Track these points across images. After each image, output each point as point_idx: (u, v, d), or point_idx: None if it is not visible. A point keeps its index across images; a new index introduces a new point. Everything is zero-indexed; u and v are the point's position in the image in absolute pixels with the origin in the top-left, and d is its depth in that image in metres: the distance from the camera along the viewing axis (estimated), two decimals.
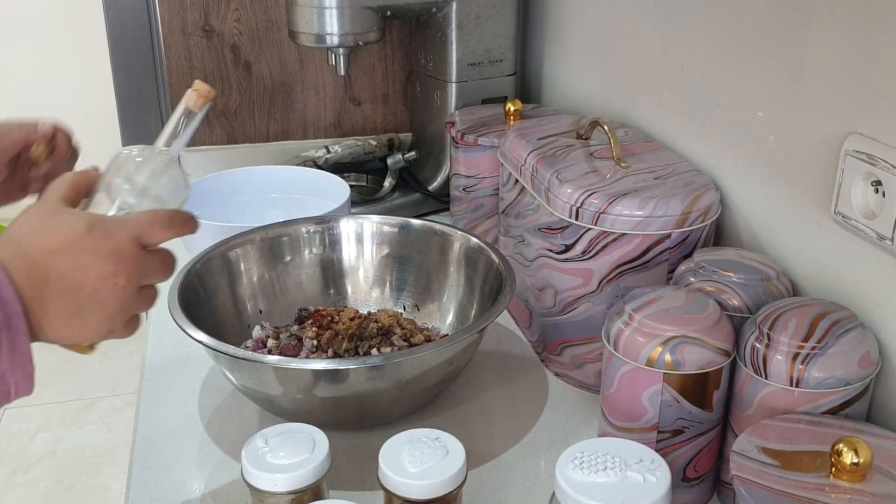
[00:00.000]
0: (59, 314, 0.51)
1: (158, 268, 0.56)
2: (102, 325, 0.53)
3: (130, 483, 0.73)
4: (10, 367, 0.49)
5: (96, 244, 0.52)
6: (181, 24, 1.29)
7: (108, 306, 0.52)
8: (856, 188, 0.67)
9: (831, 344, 0.61)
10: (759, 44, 0.78)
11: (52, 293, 0.50)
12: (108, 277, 0.52)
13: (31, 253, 0.50)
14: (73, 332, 0.52)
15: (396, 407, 0.77)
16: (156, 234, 0.55)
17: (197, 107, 0.60)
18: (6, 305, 0.48)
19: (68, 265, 0.51)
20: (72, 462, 2.11)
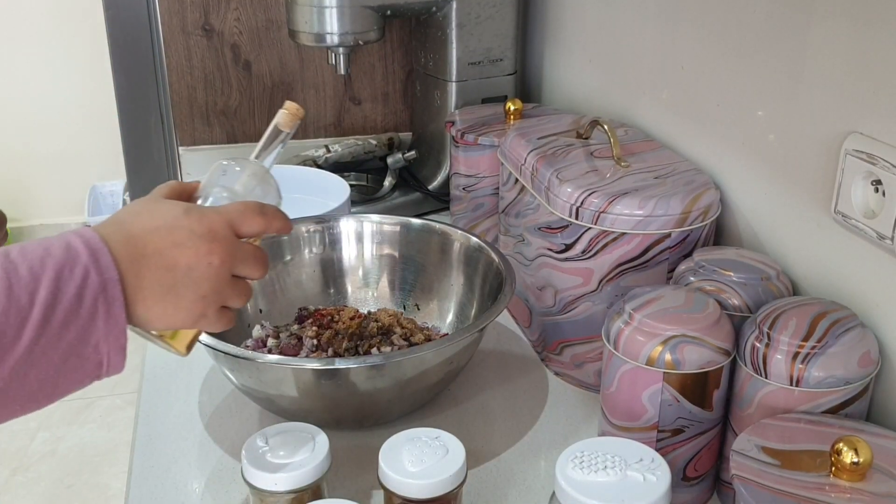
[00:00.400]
0: (153, 289, 0.51)
1: (251, 257, 0.57)
2: (196, 305, 0.54)
3: (130, 482, 0.73)
4: (105, 335, 0.49)
5: (192, 224, 0.53)
6: (181, 24, 1.29)
7: (202, 285, 0.53)
8: (856, 187, 0.67)
9: (831, 343, 0.61)
10: (760, 43, 0.78)
11: (148, 267, 0.51)
12: (202, 255, 0.53)
13: (130, 230, 0.52)
14: (166, 309, 0.52)
15: (396, 406, 0.77)
16: (248, 219, 0.57)
17: (287, 126, 0.64)
18: (103, 272, 0.49)
19: (165, 242, 0.52)
20: (72, 461, 2.11)
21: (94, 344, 0.49)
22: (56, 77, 3.05)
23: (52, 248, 0.49)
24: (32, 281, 0.47)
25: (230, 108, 1.35)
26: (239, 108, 1.35)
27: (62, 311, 0.47)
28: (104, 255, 0.49)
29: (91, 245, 0.50)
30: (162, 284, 0.52)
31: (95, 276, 0.49)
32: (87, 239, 0.50)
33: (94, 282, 0.48)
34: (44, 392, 0.49)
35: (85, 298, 0.48)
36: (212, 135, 1.36)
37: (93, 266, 0.49)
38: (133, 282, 0.51)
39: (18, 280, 0.47)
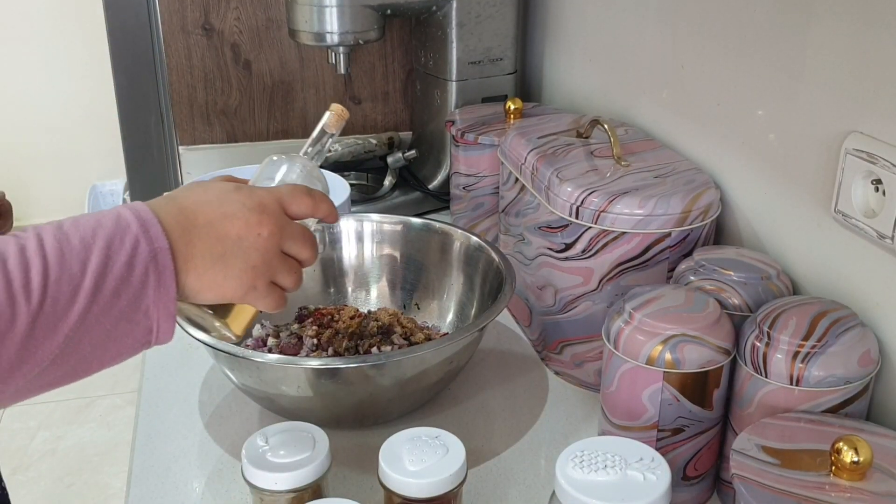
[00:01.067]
0: (204, 257, 0.52)
1: (299, 235, 0.58)
2: (245, 275, 0.54)
3: (131, 481, 0.73)
4: (155, 302, 0.50)
5: (242, 198, 0.55)
6: (181, 23, 1.29)
7: (252, 255, 0.54)
8: (856, 187, 0.67)
9: (831, 342, 0.61)
10: (760, 42, 0.78)
11: (199, 237, 0.52)
12: (252, 226, 0.54)
13: (182, 203, 0.54)
14: (216, 278, 0.53)
15: (396, 405, 0.77)
16: (297, 199, 0.58)
17: (333, 127, 0.66)
18: (153, 241, 0.50)
19: (216, 213, 0.54)
20: (72, 460, 2.11)
21: (145, 310, 0.50)
22: (56, 76, 3.05)
23: (103, 220, 0.50)
24: (84, 250, 0.48)
25: (230, 107, 1.35)
26: (239, 108, 1.35)
27: (113, 279, 0.48)
28: (154, 226, 0.51)
29: (141, 216, 0.51)
30: (212, 253, 0.53)
31: (146, 246, 0.50)
32: (137, 211, 0.51)
33: (144, 251, 0.50)
34: (96, 358, 0.50)
35: (135, 267, 0.49)
36: (212, 134, 1.36)
37: (143, 236, 0.50)
38: (184, 251, 0.52)
39: (70, 250, 0.48)
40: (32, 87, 3.03)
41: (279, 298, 0.57)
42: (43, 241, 0.48)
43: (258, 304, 0.57)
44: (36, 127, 3.05)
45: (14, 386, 0.46)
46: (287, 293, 0.58)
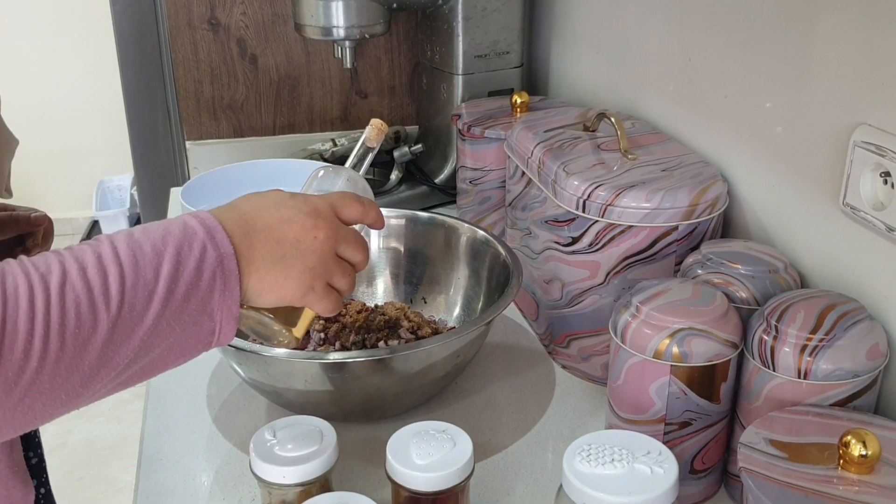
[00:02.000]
0: (265, 260, 0.55)
1: (353, 239, 0.60)
2: (304, 276, 0.57)
3: (139, 475, 0.73)
4: (220, 305, 0.52)
5: (298, 203, 0.58)
6: (187, 18, 1.29)
7: (309, 257, 0.57)
8: (864, 179, 0.66)
9: (839, 336, 0.61)
10: (767, 34, 0.78)
11: (259, 241, 0.55)
12: (308, 230, 0.57)
13: (241, 209, 0.57)
14: (277, 279, 0.55)
15: (404, 399, 0.77)
16: (348, 205, 0.61)
17: (373, 141, 0.70)
18: (219, 247, 0.52)
19: (274, 218, 0.56)
20: (81, 454, 2.12)
21: (210, 313, 0.52)
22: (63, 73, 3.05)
23: (171, 227, 0.53)
24: (156, 257, 0.50)
25: (237, 102, 1.35)
26: (245, 102, 1.35)
27: (184, 283, 0.51)
28: (219, 232, 0.53)
29: (206, 223, 0.53)
30: (272, 255, 0.55)
31: (212, 251, 0.52)
32: (202, 219, 0.54)
33: (211, 256, 0.52)
34: (162, 359, 0.52)
35: (204, 272, 0.51)
36: (218, 129, 1.36)
37: (209, 242, 0.52)
38: (246, 254, 0.54)
39: (143, 256, 0.50)
40: (40, 83, 3.04)
41: (335, 300, 0.59)
42: (117, 249, 0.50)
43: (316, 306, 0.59)
44: (43, 123, 3.06)
45: (92, 389, 0.48)
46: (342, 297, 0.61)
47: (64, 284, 0.47)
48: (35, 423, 0.47)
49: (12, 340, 0.44)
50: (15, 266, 0.47)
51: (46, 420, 0.47)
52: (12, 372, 0.44)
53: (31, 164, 3.06)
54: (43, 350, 0.45)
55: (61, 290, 0.46)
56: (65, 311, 0.46)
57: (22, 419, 0.46)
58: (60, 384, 0.46)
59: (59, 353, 0.45)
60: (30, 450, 0.77)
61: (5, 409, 0.44)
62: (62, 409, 0.47)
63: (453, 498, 0.60)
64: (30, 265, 0.47)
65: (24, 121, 3.09)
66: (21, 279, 0.46)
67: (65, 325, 0.46)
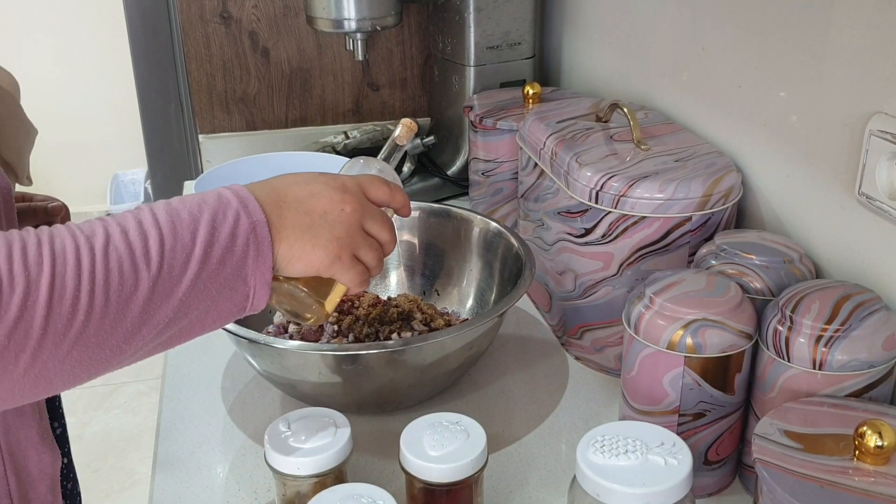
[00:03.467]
0: (294, 227, 0.58)
1: (379, 216, 0.63)
2: (331, 244, 0.59)
3: (156, 467, 0.74)
4: (254, 270, 0.55)
5: (327, 179, 0.61)
6: (199, 12, 1.29)
7: (336, 228, 0.60)
8: (880, 168, 0.66)
9: (855, 326, 0.60)
10: (781, 23, 0.77)
11: (289, 210, 0.58)
12: (336, 203, 0.60)
13: (273, 183, 0.60)
14: (304, 247, 0.58)
15: (417, 391, 0.77)
16: (376, 185, 0.64)
17: (403, 140, 0.72)
18: (252, 215, 0.55)
19: (303, 192, 0.59)
20: (98, 446, 2.14)
21: (244, 278, 0.55)
22: (77, 67, 3.07)
23: (206, 197, 0.55)
24: (192, 222, 0.53)
25: (249, 95, 1.35)
26: (258, 96, 1.35)
27: (219, 248, 0.53)
28: (251, 202, 0.56)
29: (240, 194, 0.56)
30: (301, 224, 0.58)
31: (245, 219, 0.55)
32: (235, 190, 0.57)
33: (244, 223, 0.55)
34: (199, 321, 0.54)
35: (238, 237, 0.54)
36: (231, 122, 1.36)
37: (242, 210, 0.55)
38: (276, 222, 0.57)
39: (181, 222, 0.53)
40: (54, 78, 3.06)
41: (362, 273, 0.62)
42: (157, 216, 0.53)
43: (343, 277, 0.61)
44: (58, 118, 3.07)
45: (135, 346, 0.51)
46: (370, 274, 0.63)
47: (108, 245, 0.50)
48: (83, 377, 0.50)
49: (61, 295, 0.47)
50: (63, 230, 0.50)
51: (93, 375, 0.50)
52: (61, 324, 0.47)
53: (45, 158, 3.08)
54: (89, 305, 0.48)
55: (105, 251, 0.49)
56: (108, 270, 0.49)
57: (70, 372, 0.48)
58: (105, 339, 0.49)
59: (104, 309, 0.48)
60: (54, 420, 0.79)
61: (56, 358, 0.47)
62: (107, 364, 0.50)
63: (467, 489, 0.61)
64: (76, 229, 0.50)
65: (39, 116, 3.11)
66: (69, 240, 0.49)
67: (109, 282, 0.49)
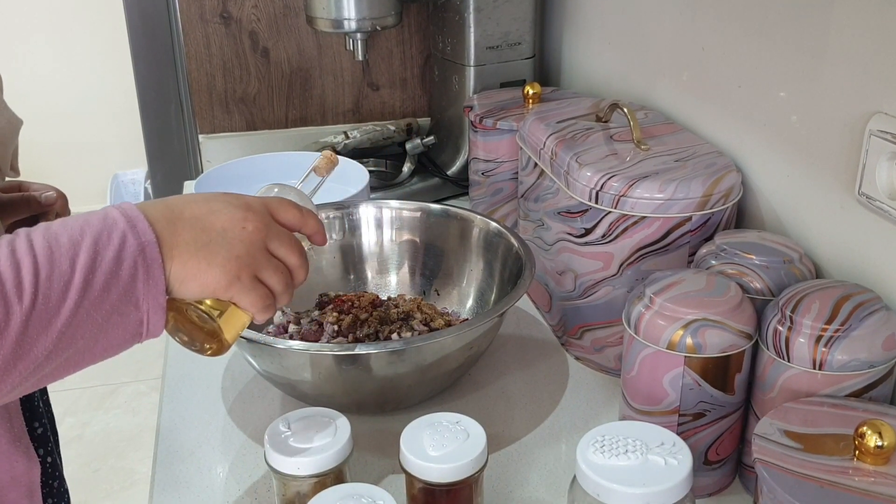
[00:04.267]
0: (188, 244, 0.54)
1: (286, 237, 0.59)
2: (229, 264, 0.56)
3: (156, 467, 0.74)
4: (145, 294, 0.52)
5: (229, 198, 0.58)
6: (199, 12, 1.29)
7: (236, 246, 0.56)
8: (880, 168, 0.66)
9: (855, 326, 0.60)
10: (781, 22, 0.77)
11: (184, 227, 0.55)
12: (237, 220, 0.56)
13: (169, 202, 0.56)
14: (200, 264, 0.54)
15: (417, 391, 0.77)
16: (284, 208, 0.60)
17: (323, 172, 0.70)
18: (141, 235, 0.52)
19: (202, 209, 0.56)
20: (98, 446, 2.14)
21: (135, 303, 0.52)
22: (77, 67, 3.07)
23: (91, 219, 0.52)
24: (72, 247, 0.50)
25: (249, 95, 1.35)
26: (258, 96, 1.35)
27: (102, 273, 0.50)
28: (140, 221, 0.52)
29: (128, 213, 0.53)
30: (197, 241, 0.55)
31: (133, 239, 0.51)
32: (124, 209, 0.53)
33: (131, 244, 0.51)
34: (88, 351, 0.51)
35: (124, 260, 0.51)
36: (231, 122, 1.36)
37: (130, 231, 0.52)
38: (168, 239, 0.54)
39: (59, 248, 0.49)
40: (54, 78, 3.06)
41: (265, 297, 0.58)
42: (32, 242, 0.49)
43: (243, 300, 0.57)
44: (57, 118, 3.07)
45: (10, 384, 0.48)
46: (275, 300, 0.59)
47: None
48: None
49: None
50: None
51: None
52: None
53: (45, 158, 3.08)
54: None
55: None
56: None
57: None
58: None
59: None
60: (34, 420, 0.76)
61: None
62: None
63: (467, 489, 0.61)
64: None
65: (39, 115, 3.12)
66: None
67: None
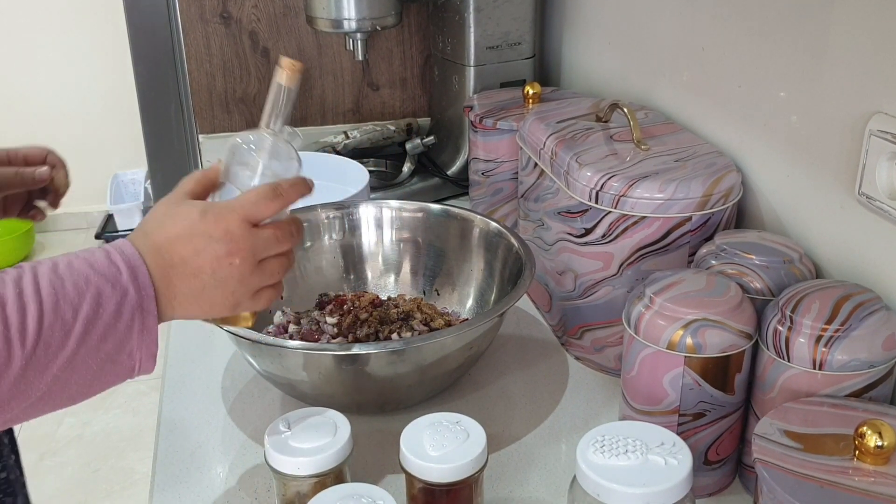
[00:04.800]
0: (185, 295, 0.56)
1: (273, 241, 0.59)
2: (227, 301, 0.58)
3: (156, 467, 0.74)
4: (139, 345, 0.54)
5: (208, 228, 0.56)
6: (199, 12, 1.30)
7: (229, 284, 0.57)
8: (880, 168, 0.66)
9: (855, 326, 0.60)
10: (781, 22, 0.77)
11: (176, 276, 0.55)
12: (223, 258, 0.56)
13: (156, 240, 0.56)
14: (202, 308, 0.57)
15: (417, 391, 0.77)
16: (262, 210, 0.58)
17: (291, 82, 0.62)
18: (142, 289, 0.53)
19: (187, 250, 0.56)
20: (98, 446, 2.14)
21: (129, 352, 0.53)
22: (77, 67, 3.07)
23: (96, 264, 0.53)
24: (77, 297, 0.51)
25: (249, 95, 1.35)
26: (258, 96, 1.35)
27: (102, 324, 0.52)
28: (142, 273, 0.54)
29: (130, 263, 0.54)
30: (192, 289, 0.56)
31: (134, 293, 0.53)
32: (126, 256, 0.54)
33: (132, 298, 0.53)
34: (80, 393, 0.53)
35: (123, 314, 0.53)
36: (231, 122, 1.36)
37: (131, 283, 0.53)
38: (166, 292, 0.55)
39: (65, 295, 0.51)
40: (54, 78, 3.06)
41: (269, 298, 0.60)
42: (39, 286, 0.51)
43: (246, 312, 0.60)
44: (58, 117, 3.07)
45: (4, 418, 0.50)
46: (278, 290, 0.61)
47: None
48: None
49: None
50: None
51: None
52: None
53: None
54: None
55: None
56: None
57: None
58: None
59: None
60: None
61: None
62: None
63: (467, 489, 0.61)
64: None
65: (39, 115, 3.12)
66: None
67: None
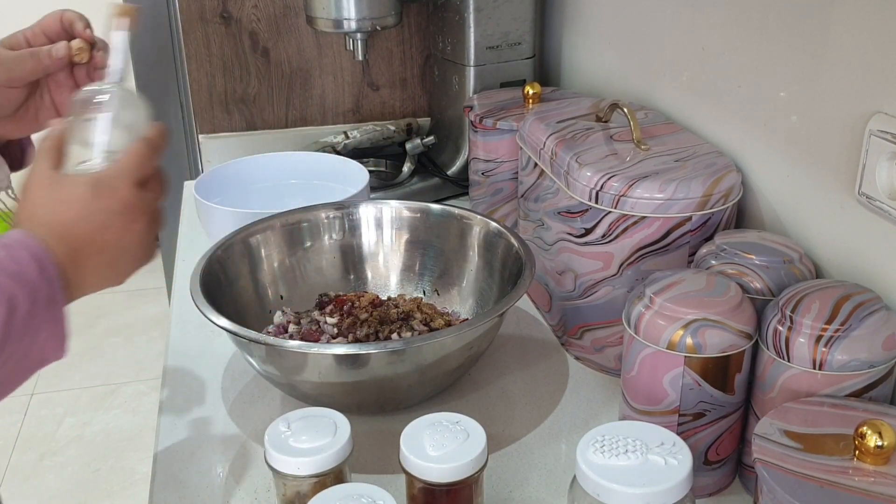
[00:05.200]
0: (95, 271, 0.56)
1: (159, 194, 0.62)
2: (132, 265, 0.59)
3: (156, 467, 0.74)
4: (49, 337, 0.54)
5: (106, 203, 0.57)
6: (199, 11, 1.29)
7: (133, 248, 0.59)
8: (880, 168, 0.66)
9: (855, 326, 0.60)
10: (782, 22, 0.77)
11: (84, 257, 0.56)
12: (126, 227, 0.57)
13: (56, 229, 0.55)
14: (109, 281, 0.58)
15: (417, 391, 0.77)
16: (147, 168, 0.60)
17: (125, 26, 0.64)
18: (51, 282, 0.53)
19: (90, 228, 0.56)
20: (98, 446, 2.14)
21: (41, 345, 0.53)
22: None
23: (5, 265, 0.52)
24: None
25: (249, 95, 1.35)
26: (258, 96, 1.35)
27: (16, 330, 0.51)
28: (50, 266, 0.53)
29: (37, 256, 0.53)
30: (100, 264, 0.57)
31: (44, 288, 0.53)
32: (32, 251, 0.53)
33: (42, 294, 0.53)
34: None
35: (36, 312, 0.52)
36: (231, 122, 1.36)
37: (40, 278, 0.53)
38: (74, 276, 0.55)
39: None
40: None
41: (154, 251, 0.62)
42: None
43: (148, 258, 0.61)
44: None
45: None
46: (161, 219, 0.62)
47: None
48: None
49: None
50: None
51: None
52: None
53: None
54: None
55: None
56: None
57: None
58: None
59: None
60: None
61: None
62: None
63: (467, 489, 0.61)
64: None
65: None
66: None
67: None
